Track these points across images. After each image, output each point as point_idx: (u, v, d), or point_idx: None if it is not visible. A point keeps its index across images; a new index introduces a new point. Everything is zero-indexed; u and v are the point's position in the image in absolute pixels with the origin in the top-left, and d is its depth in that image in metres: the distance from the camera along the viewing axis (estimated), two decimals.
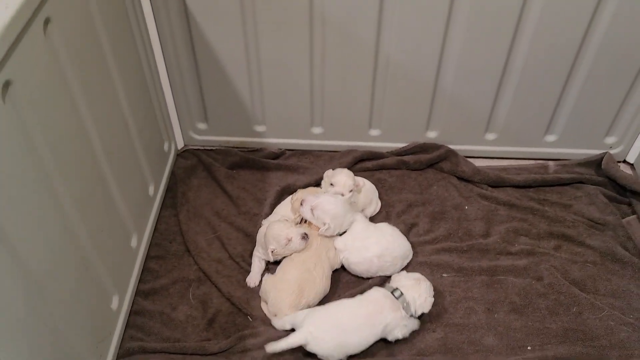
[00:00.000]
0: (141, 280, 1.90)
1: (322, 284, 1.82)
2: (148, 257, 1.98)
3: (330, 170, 2.08)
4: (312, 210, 1.88)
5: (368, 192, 2.11)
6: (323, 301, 1.83)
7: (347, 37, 2.00)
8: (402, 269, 1.93)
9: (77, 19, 1.43)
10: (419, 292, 1.74)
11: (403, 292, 1.72)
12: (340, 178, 1.99)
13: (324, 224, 1.86)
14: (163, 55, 2.09)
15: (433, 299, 1.76)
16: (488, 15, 1.92)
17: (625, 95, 2.14)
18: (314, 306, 1.80)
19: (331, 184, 1.99)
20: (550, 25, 1.93)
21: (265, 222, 2.01)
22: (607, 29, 1.92)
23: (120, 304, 1.72)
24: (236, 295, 1.87)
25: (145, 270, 1.93)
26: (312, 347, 1.63)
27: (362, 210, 2.11)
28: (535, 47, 1.99)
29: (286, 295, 1.77)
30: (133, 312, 1.80)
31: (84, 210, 1.45)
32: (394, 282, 1.80)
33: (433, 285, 1.81)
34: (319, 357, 1.66)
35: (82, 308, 1.46)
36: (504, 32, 1.97)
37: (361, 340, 1.66)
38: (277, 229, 1.85)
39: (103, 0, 1.57)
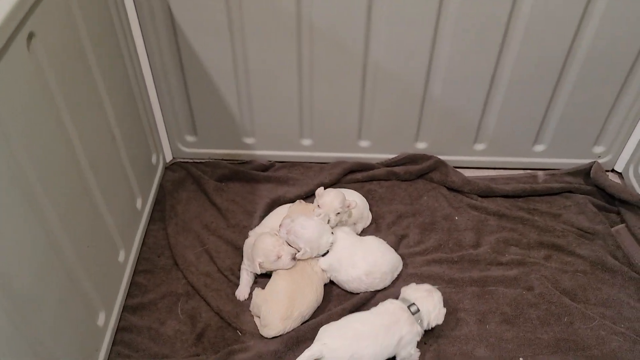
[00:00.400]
0: (129, 295, 1.87)
1: (313, 295, 1.81)
2: (136, 272, 1.95)
3: (322, 188, 2.03)
4: (287, 234, 1.87)
5: (359, 208, 2.09)
6: (316, 313, 1.83)
7: (335, 47, 2.00)
8: (393, 281, 1.92)
9: (61, 33, 1.42)
10: (433, 304, 1.73)
11: (418, 305, 1.71)
12: (327, 199, 1.94)
13: (300, 249, 1.84)
14: (150, 68, 2.09)
15: (445, 310, 1.75)
16: (476, 26, 1.93)
17: (612, 105, 2.15)
18: (308, 318, 1.80)
19: (318, 206, 1.95)
20: (537, 37, 1.94)
21: (252, 234, 1.99)
22: (592, 39, 1.94)
23: (107, 320, 1.69)
24: (225, 309, 1.85)
25: (133, 285, 1.91)
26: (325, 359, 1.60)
27: (354, 225, 2.10)
28: (523, 58, 2.00)
29: (277, 307, 1.75)
30: (120, 328, 1.77)
31: (69, 225, 1.43)
32: (406, 295, 1.77)
33: None
34: None
35: (67, 324, 1.43)
36: (492, 43, 1.98)
37: (376, 350, 1.63)
38: (269, 244, 1.83)
39: (88, 14, 1.56)
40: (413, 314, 1.69)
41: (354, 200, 2.01)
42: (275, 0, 1.88)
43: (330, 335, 1.63)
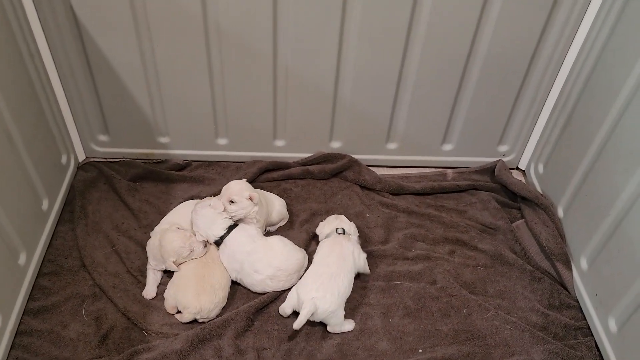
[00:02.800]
0: (31, 298, 1.84)
1: (220, 270, 1.88)
2: (40, 274, 1.91)
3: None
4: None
5: (280, 212, 2.13)
6: (223, 311, 1.85)
7: (244, 49, 2.02)
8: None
9: None
10: (348, 224, 2.04)
11: (341, 227, 1.99)
12: (225, 187, 1.97)
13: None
14: (56, 67, 2.04)
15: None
16: (379, 31, 1.98)
17: (512, 106, 2.26)
18: (224, 288, 1.86)
19: (231, 201, 1.93)
20: (437, 41, 2.01)
21: (153, 234, 1.99)
22: (489, 43, 2.02)
23: (4, 325, 1.65)
24: (132, 310, 1.84)
25: (36, 287, 1.87)
26: (322, 309, 1.74)
27: (273, 226, 2.14)
28: (425, 61, 2.07)
29: (188, 287, 1.80)
30: (20, 332, 1.74)
31: None
32: (324, 230, 2.02)
33: None
34: (326, 318, 1.77)
35: None
36: (395, 47, 2.04)
37: (349, 278, 1.85)
38: (178, 241, 1.85)
39: None
40: (343, 234, 1.97)
41: (256, 194, 1.97)
42: (180, 2, 1.88)
43: (312, 289, 1.76)
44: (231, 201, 1.92)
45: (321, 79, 2.14)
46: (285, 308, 1.82)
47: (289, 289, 1.91)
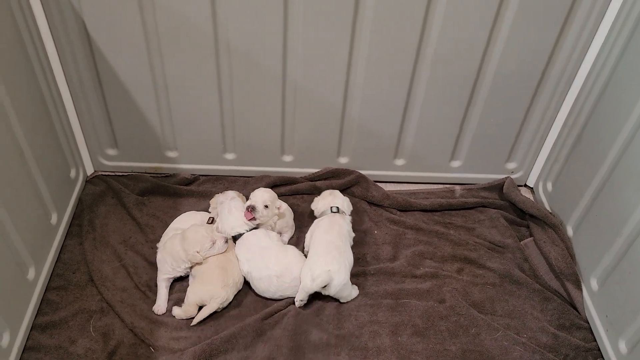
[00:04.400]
0: (39, 313, 1.83)
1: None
2: (48, 289, 1.91)
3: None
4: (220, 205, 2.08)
5: (285, 217, 2.14)
6: (231, 323, 1.85)
7: (253, 64, 2.02)
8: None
9: None
10: (341, 200, 2.13)
11: (335, 206, 2.08)
12: (257, 193, 2.05)
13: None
14: (67, 83, 2.06)
15: (348, 198, 2.18)
16: (388, 50, 1.99)
17: (521, 124, 2.26)
18: (241, 283, 1.95)
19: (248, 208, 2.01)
20: (446, 60, 2.02)
21: (160, 245, 2.01)
22: (498, 63, 2.03)
23: (12, 340, 1.65)
24: (140, 325, 1.83)
25: (44, 302, 1.87)
26: (338, 282, 1.85)
27: (280, 235, 2.14)
28: (434, 79, 2.08)
29: (214, 279, 1.87)
30: (28, 348, 1.73)
31: None
32: (318, 206, 2.12)
33: (339, 311, 1.90)
34: (340, 291, 1.88)
35: None
36: (404, 66, 2.05)
37: (349, 250, 1.98)
38: (202, 233, 1.92)
39: None
40: (338, 212, 2.07)
41: (284, 205, 2.09)
42: (191, 21, 1.89)
43: (327, 262, 1.86)
44: (265, 206, 2.00)
45: (329, 95, 2.14)
46: (300, 295, 1.89)
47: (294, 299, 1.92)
